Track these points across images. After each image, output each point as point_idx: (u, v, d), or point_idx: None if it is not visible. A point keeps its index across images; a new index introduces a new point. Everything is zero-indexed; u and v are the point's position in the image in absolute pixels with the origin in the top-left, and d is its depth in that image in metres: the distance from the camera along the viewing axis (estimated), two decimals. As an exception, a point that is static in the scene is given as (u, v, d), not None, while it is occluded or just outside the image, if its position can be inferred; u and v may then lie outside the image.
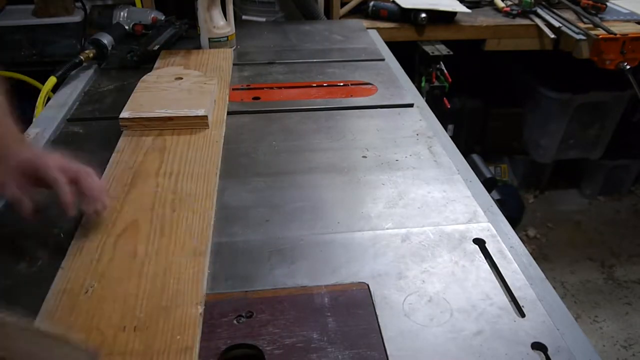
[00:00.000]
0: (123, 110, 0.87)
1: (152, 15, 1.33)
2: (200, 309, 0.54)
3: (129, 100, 0.91)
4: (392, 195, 0.74)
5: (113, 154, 0.80)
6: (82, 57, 1.11)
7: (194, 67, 1.10)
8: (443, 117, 1.05)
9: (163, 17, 1.33)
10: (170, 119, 0.86)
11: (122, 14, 1.33)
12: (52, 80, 1.06)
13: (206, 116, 0.86)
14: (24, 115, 1.04)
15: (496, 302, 0.56)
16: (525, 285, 0.58)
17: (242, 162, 0.81)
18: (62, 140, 0.88)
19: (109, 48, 1.17)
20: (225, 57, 1.16)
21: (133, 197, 0.70)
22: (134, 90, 0.94)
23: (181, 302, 0.55)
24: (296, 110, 0.97)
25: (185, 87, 0.95)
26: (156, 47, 1.18)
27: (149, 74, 1.02)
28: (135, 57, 1.15)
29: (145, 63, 1.15)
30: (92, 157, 0.77)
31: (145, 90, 0.95)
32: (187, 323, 0.52)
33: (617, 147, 2.18)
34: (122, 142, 0.83)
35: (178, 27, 1.28)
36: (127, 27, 1.31)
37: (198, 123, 0.86)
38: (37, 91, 1.14)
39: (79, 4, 1.49)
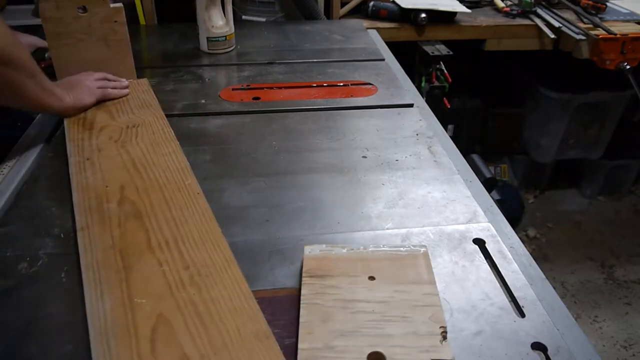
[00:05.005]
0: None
1: None
2: None
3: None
4: (392, 195, 0.74)
5: (78, 234, 0.63)
6: None
7: (115, 110, 0.92)
8: (443, 117, 1.05)
9: None
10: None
11: None
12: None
13: None
14: (25, 116, 1.04)
15: (496, 302, 0.56)
16: (525, 285, 0.58)
17: (242, 162, 0.81)
18: (62, 139, 0.88)
19: None
20: (144, 89, 1.00)
21: (137, 284, 0.55)
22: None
23: None
24: (296, 110, 0.97)
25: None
26: None
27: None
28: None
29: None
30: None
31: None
32: None
33: (617, 147, 2.18)
34: (80, 218, 0.65)
35: None
36: None
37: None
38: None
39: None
